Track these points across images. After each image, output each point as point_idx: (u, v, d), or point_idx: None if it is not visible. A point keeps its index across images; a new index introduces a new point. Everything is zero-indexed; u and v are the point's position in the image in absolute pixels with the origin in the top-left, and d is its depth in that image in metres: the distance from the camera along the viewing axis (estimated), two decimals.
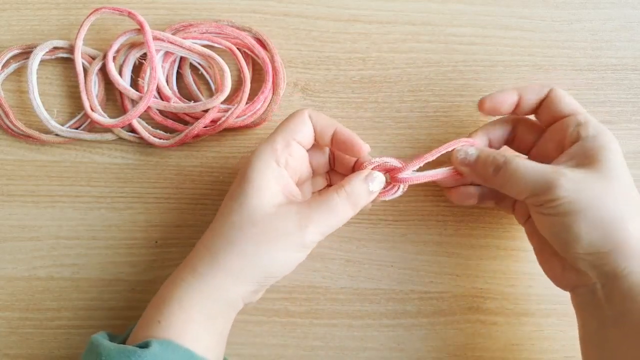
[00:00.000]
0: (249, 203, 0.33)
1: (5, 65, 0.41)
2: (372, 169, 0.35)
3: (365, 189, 0.34)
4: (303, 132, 0.35)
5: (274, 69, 0.41)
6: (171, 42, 0.40)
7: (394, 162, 0.35)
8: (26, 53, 0.42)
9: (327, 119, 0.35)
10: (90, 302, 0.40)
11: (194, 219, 0.41)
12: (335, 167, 0.39)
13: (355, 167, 0.37)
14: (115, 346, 0.31)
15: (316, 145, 0.37)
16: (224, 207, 0.34)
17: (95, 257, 0.41)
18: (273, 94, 0.41)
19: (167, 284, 0.34)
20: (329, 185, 0.40)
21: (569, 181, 0.32)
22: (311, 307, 0.40)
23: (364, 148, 0.35)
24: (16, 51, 0.41)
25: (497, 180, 0.35)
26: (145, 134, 0.40)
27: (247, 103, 0.41)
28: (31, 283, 0.41)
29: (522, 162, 0.34)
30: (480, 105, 0.37)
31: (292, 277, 0.36)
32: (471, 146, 0.36)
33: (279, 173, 0.34)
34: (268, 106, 0.41)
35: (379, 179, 0.35)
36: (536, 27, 0.42)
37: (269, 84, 0.41)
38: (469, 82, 0.42)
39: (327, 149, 0.38)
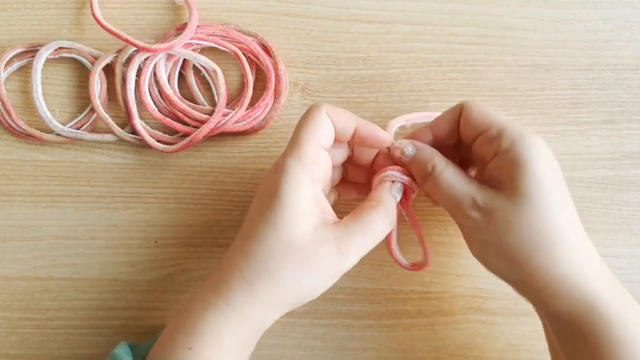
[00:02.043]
0: (287, 229, 0.30)
1: (8, 63, 0.41)
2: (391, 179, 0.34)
3: (393, 201, 0.34)
4: (325, 135, 0.32)
5: (277, 76, 0.41)
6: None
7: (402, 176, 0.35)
8: (29, 52, 0.42)
9: (346, 115, 0.33)
10: (90, 302, 0.40)
11: (193, 219, 0.41)
12: (353, 158, 0.37)
13: (375, 164, 0.36)
14: None
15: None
16: (255, 229, 0.31)
17: (95, 257, 0.41)
18: (274, 101, 0.41)
19: (196, 309, 0.31)
20: (344, 178, 0.38)
21: (477, 205, 0.31)
22: (311, 307, 0.40)
23: (388, 139, 0.34)
24: (19, 50, 0.41)
25: (425, 187, 0.34)
26: (148, 138, 0.40)
27: (247, 108, 0.41)
28: (31, 283, 0.41)
29: (445, 176, 0.32)
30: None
31: None
32: (410, 144, 0.34)
33: (314, 191, 0.32)
34: (268, 113, 0.41)
35: (399, 187, 0.34)
36: (536, 27, 0.42)
37: (271, 91, 0.41)
38: (469, 82, 0.42)
39: (346, 145, 0.36)
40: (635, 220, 0.41)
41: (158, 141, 0.41)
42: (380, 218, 0.32)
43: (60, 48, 0.41)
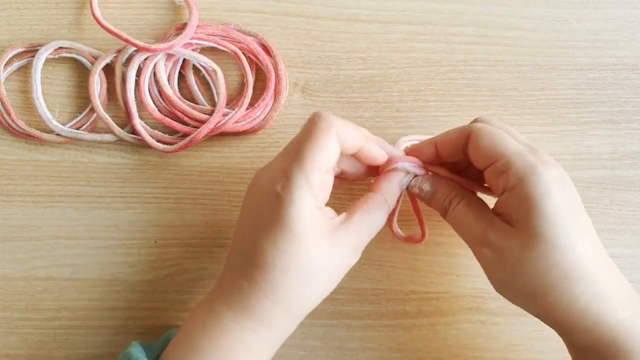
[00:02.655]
0: (307, 255, 0.30)
1: (7, 63, 0.41)
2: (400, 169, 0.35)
3: (399, 193, 0.34)
4: (333, 157, 0.31)
5: (277, 76, 0.41)
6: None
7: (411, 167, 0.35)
8: (29, 52, 0.42)
9: (354, 136, 0.32)
10: (90, 302, 0.40)
11: (193, 219, 0.41)
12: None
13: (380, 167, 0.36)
14: None
15: None
16: (272, 259, 0.30)
17: (94, 257, 0.41)
18: (274, 101, 0.41)
19: (222, 329, 0.31)
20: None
21: (489, 242, 0.31)
22: None
23: (384, 159, 0.34)
24: (19, 49, 0.41)
25: (447, 221, 0.34)
26: (148, 138, 0.40)
27: (247, 108, 0.41)
28: (31, 283, 0.41)
29: (456, 212, 0.33)
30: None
31: None
32: (427, 181, 0.34)
33: (323, 213, 0.32)
34: (268, 113, 0.41)
35: (410, 179, 0.35)
36: (537, 26, 0.42)
37: (271, 91, 0.41)
38: (469, 82, 0.42)
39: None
40: (635, 220, 0.41)
41: (158, 141, 0.41)
42: (385, 212, 0.34)
43: (60, 48, 0.41)
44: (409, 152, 0.36)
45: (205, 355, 0.31)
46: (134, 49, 0.40)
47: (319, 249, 0.31)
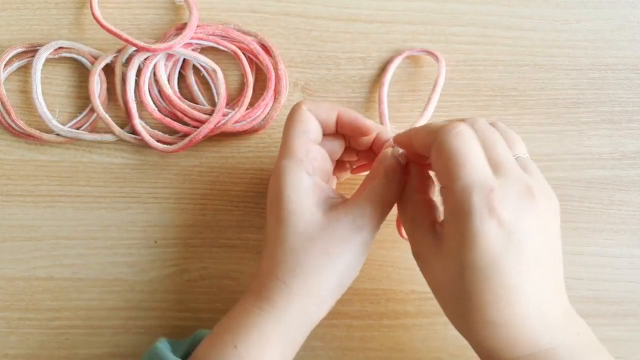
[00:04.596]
0: (301, 224, 0.32)
1: (7, 63, 0.41)
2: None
3: (394, 164, 0.33)
4: (312, 130, 0.34)
5: (277, 76, 0.41)
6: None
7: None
8: (29, 52, 0.42)
9: (326, 106, 0.34)
10: (90, 302, 0.40)
11: (193, 219, 0.41)
12: (350, 144, 0.37)
13: (374, 145, 0.36)
14: None
15: (327, 135, 0.36)
16: (275, 232, 0.33)
17: (94, 257, 0.41)
18: (274, 101, 0.41)
19: (242, 312, 0.33)
20: (340, 160, 0.38)
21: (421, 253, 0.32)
22: None
23: (371, 127, 0.35)
24: (19, 49, 0.41)
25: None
26: (148, 138, 0.40)
27: (247, 108, 0.41)
28: (31, 283, 0.41)
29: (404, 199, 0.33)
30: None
31: None
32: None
33: (313, 182, 0.33)
34: (268, 113, 0.41)
35: (400, 151, 0.34)
36: (536, 26, 0.42)
37: (271, 91, 0.41)
38: (469, 82, 0.42)
39: (340, 136, 0.37)
40: (635, 220, 0.41)
41: (158, 141, 0.41)
42: (382, 184, 0.33)
43: (60, 48, 0.41)
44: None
45: (222, 335, 0.32)
46: (134, 49, 0.40)
47: (314, 217, 0.32)
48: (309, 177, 0.33)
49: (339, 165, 0.39)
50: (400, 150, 0.34)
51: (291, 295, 0.32)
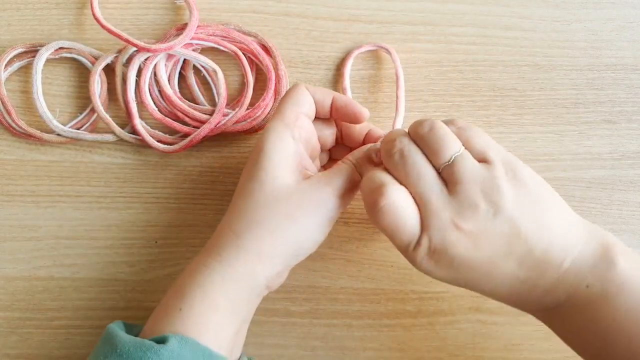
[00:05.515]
0: (271, 182, 0.32)
1: (8, 63, 0.41)
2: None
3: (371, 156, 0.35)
4: (306, 104, 0.35)
5: (277, 76, 0.41)
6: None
7: None
8: (29, 52, 0.42)
9: (323, 89, 0.36)
10: (90, 302, 0.40)
11: (193, 219, 0.41)
12: (343, 140, 0.38)
13: (366, 139, 0.37)
14: (132, 339, 0.30)
15: (321, 120, 0.37)
16: (243, 188, 0.33)
17: (95, 257, 0.41)
18: (274, 101, 0.41)
19: (188, 272, 0.33)
20: (332, 159, 0.39)
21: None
22: (311, 307, 0.40)
23: (364, 113, 0.35)
24: (20, 50, 0.41)
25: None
26: (148, 138, 0.40)
27: (247, 108, 0.41)
28: (31, 283, 0.41)
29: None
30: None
31: (291, 277, 0.36)
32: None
33: (296, 147, 0.33)
34: (268, 113, 0.41)
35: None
36: (536, 27, 0.42)
37: (271, 91, 0.41)
38: (469, 82, 0.42)
39: (333, 124, 0.37)
40: (635, 220, 0.41)
41: (158, 141, 0.41)
42: (352, 168, 0.34)
43: (60, 48, 0.41)
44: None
45: (166, 300, 0.32)
46: (135, 49, 0.40)
47: (285, 180, 0.32)
48: (293, 141, 0.33)
49: (331, 164, 0.39)
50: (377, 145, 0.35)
51: (240, 250, 0.32)
